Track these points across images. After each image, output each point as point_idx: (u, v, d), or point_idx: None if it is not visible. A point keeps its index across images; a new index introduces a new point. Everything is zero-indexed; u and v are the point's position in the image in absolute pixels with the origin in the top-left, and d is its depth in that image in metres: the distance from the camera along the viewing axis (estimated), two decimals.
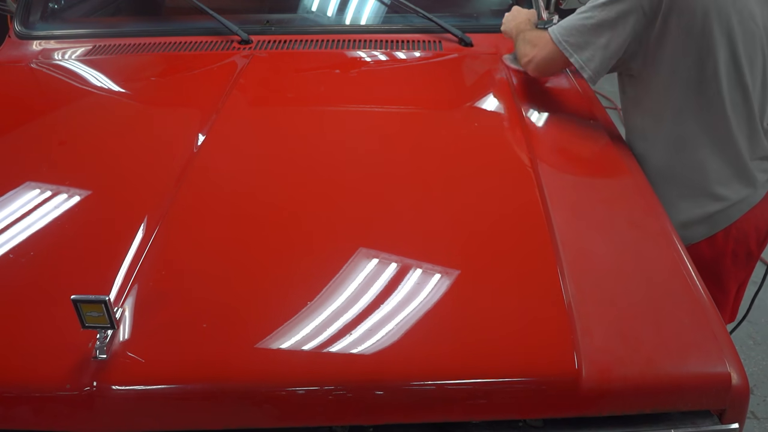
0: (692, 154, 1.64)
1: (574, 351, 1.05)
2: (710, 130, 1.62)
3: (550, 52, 1.70)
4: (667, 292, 1.19)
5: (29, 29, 2.26)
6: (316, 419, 1.04)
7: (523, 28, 1.89)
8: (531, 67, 1.78)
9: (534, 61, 1.75)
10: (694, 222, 1.66)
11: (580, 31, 1.64)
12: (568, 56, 1.65)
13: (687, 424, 1.06)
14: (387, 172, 1.52)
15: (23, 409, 1.03)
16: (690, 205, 1.65)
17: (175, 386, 1.03)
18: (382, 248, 1.27)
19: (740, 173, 1.65)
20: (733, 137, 1.62)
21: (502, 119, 1.76)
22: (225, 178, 1.49)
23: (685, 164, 1.66)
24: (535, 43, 1.76)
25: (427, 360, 1.05)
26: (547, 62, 1.73)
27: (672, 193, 1.64)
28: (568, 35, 1.66)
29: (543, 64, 1.75)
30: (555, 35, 1.68)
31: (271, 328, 1.09)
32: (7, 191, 1.44)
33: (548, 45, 1.70)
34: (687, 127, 1.63)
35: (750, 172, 1.65)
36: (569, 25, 1.67)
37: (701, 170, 1.65)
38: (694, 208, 1.65)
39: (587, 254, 1.26)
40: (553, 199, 1.39)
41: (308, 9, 2.39)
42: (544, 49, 1.71)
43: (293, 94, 1.95)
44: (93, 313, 0.99)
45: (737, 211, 1.66)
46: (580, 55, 1.64)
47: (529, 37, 1.81)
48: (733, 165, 1.64)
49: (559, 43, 1.66)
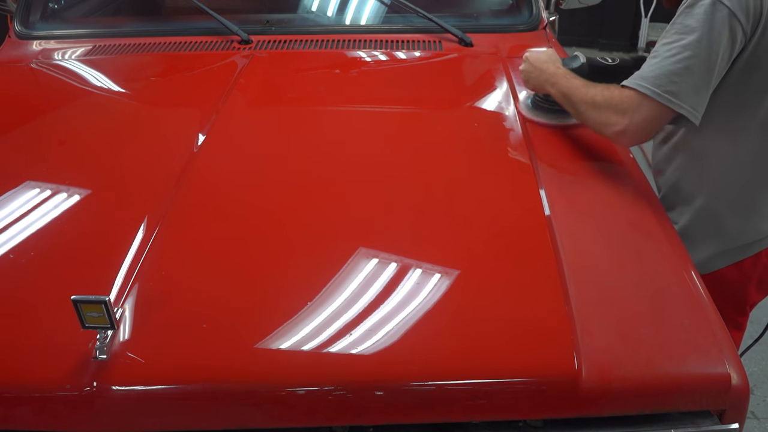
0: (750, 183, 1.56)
1: (574, 351, 1.05)
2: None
3: (650, 111, 1.39)
4: (667, 292, 1.19)
5: (29, 29, 2.26)
6: (316, 419, 1.04)
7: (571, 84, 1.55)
8: (627, 138, 1.45)
9: (630, 129, 1.41)
10: (726, 251, 1.60)
11: (681, 75, 1.37)
12: (676, 108, 1.37)
13: (687, 425, 1.06)
14: (387, 172, 1.51)
15: (23, 409, 1.03)
16: (728, 235, 1.59)
17: (175, 386, 1.03)
18: (381, 248, 1.27)
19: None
20: None
21: (502, 119, 1.76)
22: (225, 178, 1.49)
23: (737, 193, 1.57)
24: (622, 108, 1.41)
25: (427, 360, 1.05)
26: (649, 124, 1.41)
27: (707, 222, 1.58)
28: (669, 84, 1.37)
29: (644, 129, 1.42)
30: (652, 90, 1.37)
31: (271, 329, 1.09)
32: (7, 191, 1.44)
33: (643, 104, 1.39)
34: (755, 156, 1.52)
35: None
36: (660, 70, 1.38)
37: (753, 201, 1.57)
38: (730, 239, 1.59)
39: (587, 255, 1.26)
40: (553, 200, 1.39)
41: (308, 9, 2.39)
42: (640, 110, 1.39)
43: (293, 94, 1.95)
44: (93, 313, 0.99)
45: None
46: (688, 102, 1.37)
47: (603, 100, 1.45)
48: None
49: (659, 96, 1.37)
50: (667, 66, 1.38)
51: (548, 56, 1.67)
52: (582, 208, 1.41)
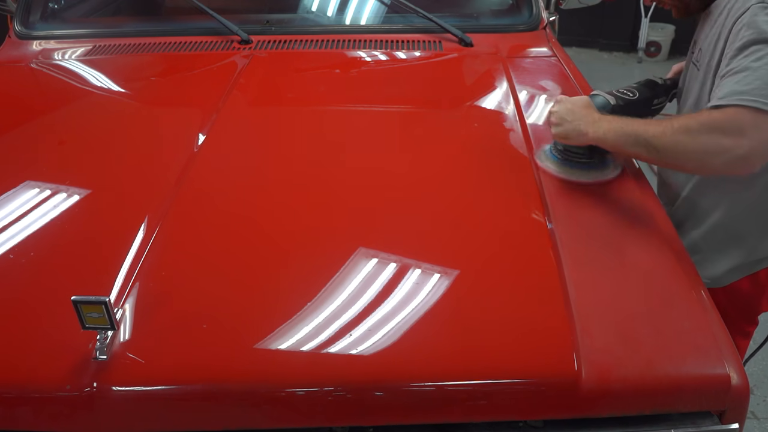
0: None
1: (574, 352, 1.05)
2: None
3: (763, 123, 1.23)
4: (667, 293, 1.19)
5: (29, 29, 2.26)
6: (316, 420, 1.04)
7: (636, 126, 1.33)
8: (752, 162, 1.26)
9: (752, 153, 1.24)
10: (746, 265, 1.59)
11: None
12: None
13: (687, 425, 1.06)
14: (387, 173, 1.51)
15: (23, 409, 1.03)
16: (752, 253, 1.58)
17: (175, 387, 1.03)
18: (381, 248, 1.27)
19: None
20: None
21: (503, 119, 1.76)
22: (225, 178, 1.49)
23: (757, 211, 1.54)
24: (732, 129, 1.23)
25: (427, 360, 1.05)
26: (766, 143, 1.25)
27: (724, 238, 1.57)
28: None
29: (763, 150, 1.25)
30: (760, 102, 1.23)
31: (271, 329, 1.09)
32: (6, 191, 1.44)
33: (757, 121, 1.22)
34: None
35: None
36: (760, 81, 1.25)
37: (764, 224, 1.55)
38: (754, 255, 1.58)
39: (587, 255, 1.26)
40: (553, 200, 1.39)
41: (308, 9, 2.39)
42: (755, 129, 1.22)
43: (293, 94, 1.95)
44: (93, 314, 0.99)
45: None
46: None
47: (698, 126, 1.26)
48: None
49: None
50: (765, 75, 1.24)
51: (582, 102, 1.44)
52: (582, 208, 1.41)
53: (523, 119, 1.71)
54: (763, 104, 1.22)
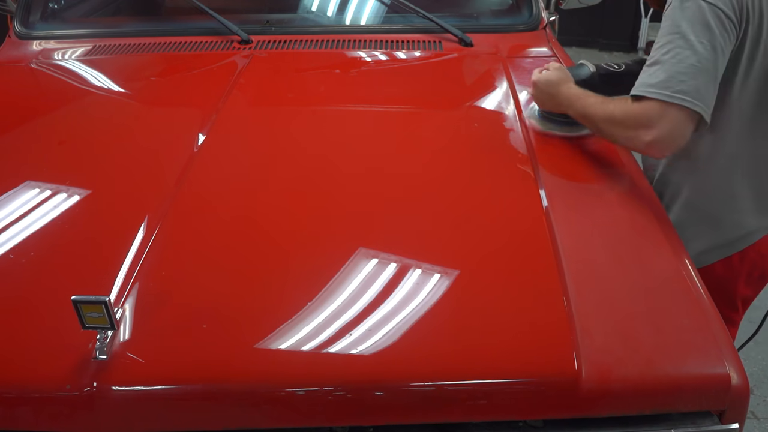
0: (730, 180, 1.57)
1: (574, 352, 1.05)
2: (755, 157, 1.55)
3: (674, 118, 1.34)
4: (667, 292, 1.19)
5: (29, 29, 2.26)
6: (316, 420, 1.04)
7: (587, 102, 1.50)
8: (659, 149, 1.40)
9: (661, 140, 1.36)
10: (714, 247, 1.61)
11: (687, 73, 1.34)
12: (691, 107, 1.33)
13: (687, 425, 1.06)
14: (387, 173, 1.51)
15: (23, 409, 1.03)
16: (713, 231, 1.60)
17: (175, 387, 1.03)
18: (381, 248, 1.27)
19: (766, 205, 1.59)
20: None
21: (503, 119, 1.75)
22: (225, 178, 1.49)
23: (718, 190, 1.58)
24: (644, 120, 1.36)
25: (427, 360, 1.05)
26: (678, 132, 1.36)
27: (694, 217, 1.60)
28: (678, 84, 1.33)
29: (674, 138, 1.37)
30: (664, 94, 1.33)
31: (271, 329, 1.09)
32: (7, 191, 1.44)
33: (665, 112, 1.34)
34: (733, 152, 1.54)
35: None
36: (669, 74, 1.35)
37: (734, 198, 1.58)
38: (716, 234, 1.60)
39: (587, 255, 1.26)
40: (554, 200, 1.39)
41: (308, 9, 2.39)
42: (664, 119, 1.34)
43: (293, 94, 1.95)
44: (93, 313, 0.99)
45: (758, 235, 1.61)
46: (704, 101, 1.34)
47: (621, 116, 1.41)
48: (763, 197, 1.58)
49: (674, 99, 1.33)
50: (670, 67, 1.35)
51: (558, 77, 1.60)
52: (582, 208, 1.41)
53: (523, 119, 1.70)
54: (668, 96, 1.33)
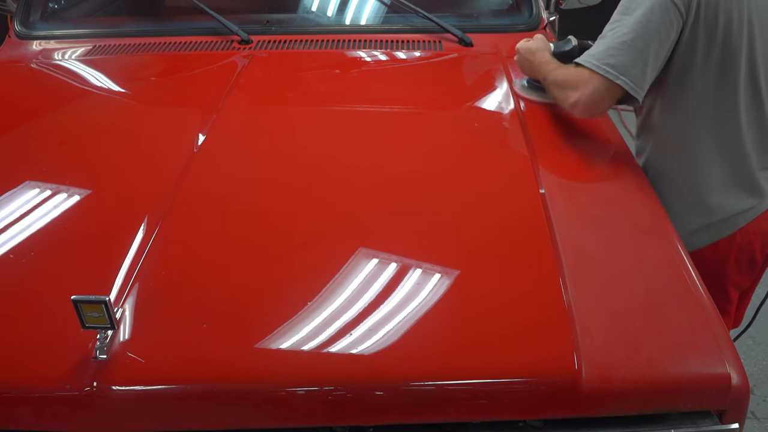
0: (702, 160, 1.61)
1: (574, 351, 1.05)
2: (722, 137, 1.59)
3: (597, 85, 1.50)
4: (667, 292, 1.19)
5: (29, 29, 2.26)
6: (316, 419, 1.04)
7: (549, 66, 1.67)
8: (578, 111, 1.56)
9: (581, 102, 1.53)
10: (699, 229, 1.64)
11: (620, 49, 1.48)
12: (613, 78, 1.47)
13: (687, 425, 1.06)
14: (387, 173, 1.52)
15: (23, 409, 1.03)
16: (696, 213, 1.63)
17: (175, 387, 1.03)
18: (381, 248, 1.27)
19: (746, 184, 1.62)
20: (743, 145, 1.59)
21: (503, 119, 1.76)
22: (225, 178, 1.49)
23: (693, 171, 1.63)
24: (574, 83, 1.54)
25: (427, 360, 1.05)
26: (597, 98, 1.52)
27: (678, 200, 1.62)
28: (608, 57, 1.48)
29: (592, 103, 1.53)
30: (593, 64, 1.50)
31: (271, 328, 1.09)
32: (7, 191, 1.44)
33: (591, 79, 1.50)
34: (700, 133, 1.59)
35: (757, 182, 1.63)
36: (604, 46, 1.50)
37: (708, 177, 1.62)
38: (700, 216, 1.63)
39: (587, 254, 1.26)
40: (554, 200, 1.39)
41: (308, 9, 2.39)
42: (588, 84, 1.51)
43: (293, 94, 1.95)
44: (93, 313, 0.99)
45: (743, 219, 1.63)
46: (629, 76, 1.47)
47: (562, 77, 1.60)
48: (741, 173, 1.61)
49: (600, 69, 1.49)
50: (607, 42, 1.51)
51: (537, 45, 1.76)
52: (582, 208, 1.41)
53: (523, 119, 1.70)
54: (594, 65, 1.50)
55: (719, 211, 1.63)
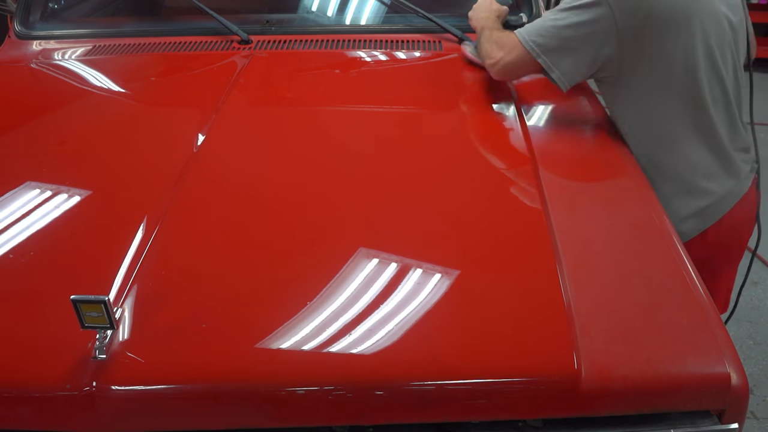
0: (678, 150, 1.65)
1: (574, 351, 1.05)
2: (694, 126, 1.62)
3: (518, 55, 1.65)
4: (667, 292, 1.19)
5: (29, 29, 2.26)
6: (316, 419, 1.04)
7: (490, 26, 1.82)
8: (495, 70, 1.74)
9: (500, 63, 1.71)
10: (687, 218, 1.66)
11: (549, 32, 1.61)
12: (536, 56, 1.62)
13: (687, 424, 1.06)
14: (387, 173, 1.52)
15: (23, 409, 1.03)
16: (681, 202, 1.66)
17: (175, 386, 1.03)
18: (381, 248, 1.27)
19: (725, 165, 1.66)
20: (716, 130, 1.63)
21: (502, 119, 1.76)
22: (225, 178, 1.49)
23: (672, 161, 1.66)
24: (502, 45, 1.70)
25: (426, 360, 1.05)
26: (514, 65, 1.69)
27: (662, 191, 1.63)
28: (537, 36, 1.62)
29: (509, 67, 1.71)
30: (522, 36, 1.64)
31: (271, 328, 1.09)
32: (7, 191, 1.44)
33: (516, 47, 1.65)
34: (671, 125, 1.63)
35: (734, 163, 1.67)
36: (538, 26, 1.64)
37: (688, 165, 1.65)
38: (685, 204, 1.66)
39: (587, 254, 1.26)
40: (553, 199, 1.39)
41: (308, 9, 2.39)
42: (512, 52, 1.67)
43: (293, 94, 1.95)
44: (92, 313, 0.99)
45: (726, 204, 1.67)
46: (549, 57, 1.61)
47: (496, 38, 1.75)
48: (718, 158, 1.65)
49: (526, 43, 1.62)
50: (542, 23, 1.63)
51: (498, 9, 1.90)
52: (582, 208, 1.41)
53: (523, 119, 1.71)
54: (522, 38, 1.64)
55: (704, 195, 1.66)
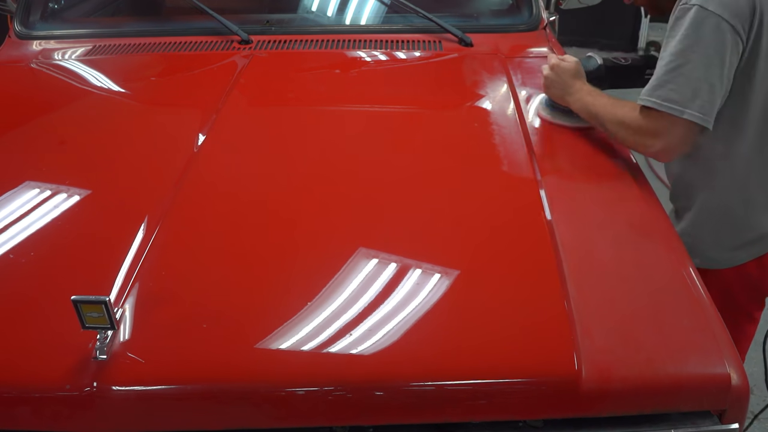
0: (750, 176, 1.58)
1: (574, 352, 1.05)
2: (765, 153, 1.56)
3: (672, 126, 1.43)
4: (667, 292, 1.19)
5: (29, 29, 2.26)
6: (316, 419, 1.04)
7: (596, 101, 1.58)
8: (664, 156, 1.52)
9: (667, 149, 1.48)
10: (745, 244, 1.63)
11: (673, 81, 1.42)
12: (679, 114, 1.41)
13: (687, 425, 1.06)
14: (386, 172, 1.51)
15: (23, 409, 1.03)
16: (742, 229, 1.62)
17: (175, 387, 1.03)
18: (381, 248, 1.27)
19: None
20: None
21: (503, 120, 1.75)
22: (225, 178, 1.49)
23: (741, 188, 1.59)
24: (652, 130, 1.46)
25: (427, 360, 1.05)
26: (684, 142, 1.47)
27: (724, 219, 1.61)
28: (668, 92, 1.42)
29: (680, 147, 1.48)
30: (656, 103, 1.43)
31: (271, 329, 1.09)
32: (7, 191, 1.44)
33: (665, 122, 1.43)
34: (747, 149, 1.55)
35: None
36: (657, 81, 1.44)
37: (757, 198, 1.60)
38: (748, 232, 1.62)
39: (587, 255, 1.26)
40: (553, 200, 1.39)
41: (308, 9, 2.39)
42: (667, 129, 1.44)
43: (293, 94, 1.95)
44: (93, 313, 0.99)
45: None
46: (693, 108, 1.40)
47: (632, 123, 1.49)
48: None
49: (662, 106, 1.42)
50: (663, 76, 1.43)
51: (575, 69, 1.66)
52: (582, 208, 1.41)
53: (523, 119, 1.70)
54: (657, 104, 1.43)
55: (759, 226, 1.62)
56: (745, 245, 1.63)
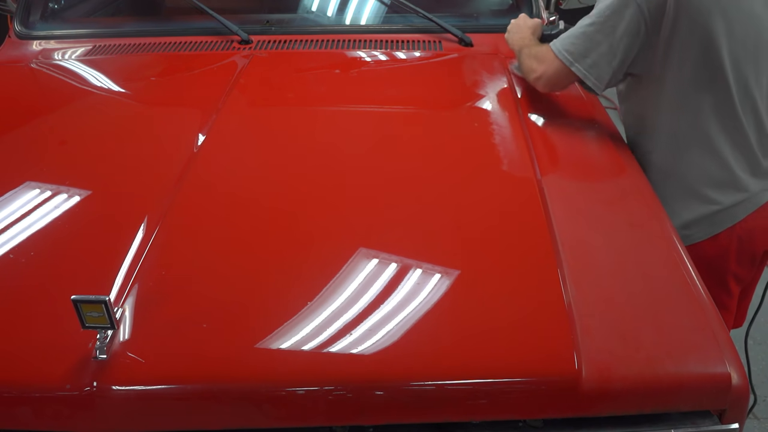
0: (703, 151, 1.63)
1: (574, 351, 1.05)
2: (722, 128, 1.61)
3: (556, 67, 1.69)
4: (667, 292, 1.19)
5: (29, 29, 2.26)
6: (316, 419, 1.04)
7: (527, 43, 1.86)
8: (540, 84, 1.77)
9: (542, 78, 1.74)
10: (698, 220, 1.64)
11: (579, 39, 1.64)
12: (569, 65, 1.65)
13: (687, 425, 1.06)
14: (387, 172, 1.51)
15: (23, 409, 1.03)
16: (694, 204, 1.64)
17: (175, 386, 1.03)
18: (382, 248, 1.27)
19: (753, 170, 1.64)
20: (745, 134, 1.61)
21: (503, 119, 1.76)
22: (225, 178, 1.49)
23: (693, 163, 1.64)
24: (542, 59, 1.74)
25: (427, 360, 1.05)
26: (556, 77, 1.72)
27: (675, 192, 1.64)
28: (568, 45, 1.66)
29: (552, 80, 1.74)
30: (556, 47, 1.68)
31: (271, 328, 1.09)
32: (7, 191, 1.44)
33: (553, 60, 1.69)
34: (699, 126, 1.62)
35: (763, 170, 1.65)
36: (569, 34, 1.68)
37: (708, 168, 1.63)
38: (698, 207, 1.64)
39: (587, 254, 1.26)
40: (554, 200, 1.39)
41: (308, 9, 2.39)
42: (552, 64, 1.70)
43: (293, 94, 1.95)
44: (93, 313, 0.99)
45: (743, 211, 1.64)
46: (582, 64, 1.64)
47: (535, 53, 1.79)
48: (747, 162, 1.63)
49: (559, 53, 1.67)
50: (576, 30, 1.67)
51: (535, 25, 1.92)
52: (582, 208, 1.41)
53: (523, 119, 1.71)
54: (555, 49, 1.68)
55: (720, 201, 1.63)
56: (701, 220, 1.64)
